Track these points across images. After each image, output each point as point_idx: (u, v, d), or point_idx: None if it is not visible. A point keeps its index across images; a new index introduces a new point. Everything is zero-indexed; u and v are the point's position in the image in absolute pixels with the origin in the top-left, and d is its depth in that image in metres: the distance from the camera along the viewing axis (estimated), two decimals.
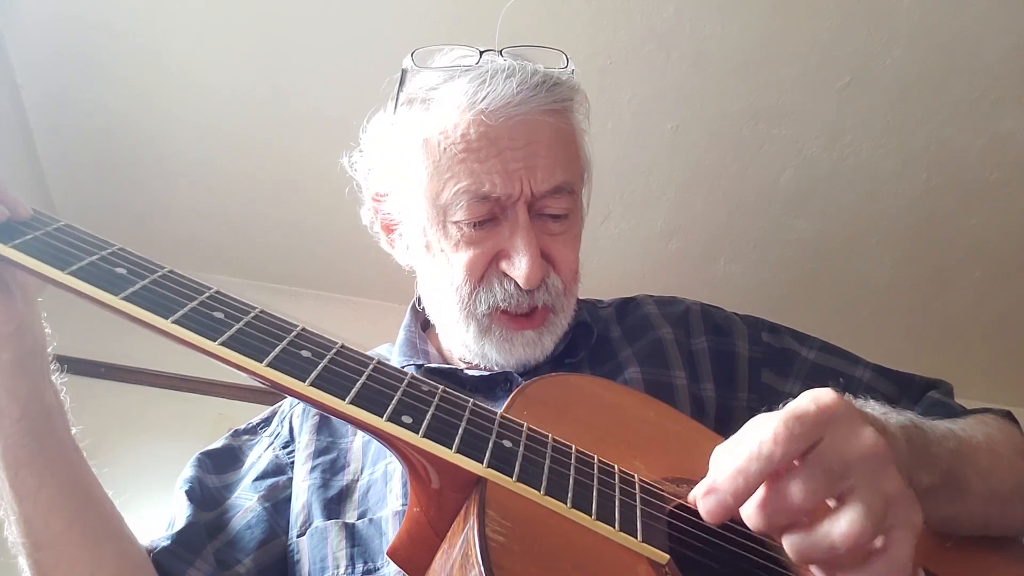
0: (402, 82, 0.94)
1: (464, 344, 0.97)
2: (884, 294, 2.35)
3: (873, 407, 0.74)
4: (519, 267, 0.89)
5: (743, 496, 0.55)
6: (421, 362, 1.02)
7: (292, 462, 0.99)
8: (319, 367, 0.61)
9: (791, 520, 0.55)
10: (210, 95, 2.02)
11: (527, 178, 0.88)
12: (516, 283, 0.90)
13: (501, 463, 0.61)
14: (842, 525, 0.54)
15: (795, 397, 1.03)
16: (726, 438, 0.84)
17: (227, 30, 1.90)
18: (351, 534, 0.89)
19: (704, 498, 0.56)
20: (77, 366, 2.13)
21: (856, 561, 0.55)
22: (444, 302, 0.95)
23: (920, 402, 1.00)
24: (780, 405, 1.01)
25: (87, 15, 1.87)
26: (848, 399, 0.61)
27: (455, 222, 0.90)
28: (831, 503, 0.55)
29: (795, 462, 0.56)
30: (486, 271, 0.91)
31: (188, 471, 0.96)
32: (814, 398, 0.58)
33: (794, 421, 0.56)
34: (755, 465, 0.55)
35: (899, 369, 1.05)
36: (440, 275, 0.94)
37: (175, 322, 0.59)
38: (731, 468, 0.55)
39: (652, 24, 1.85)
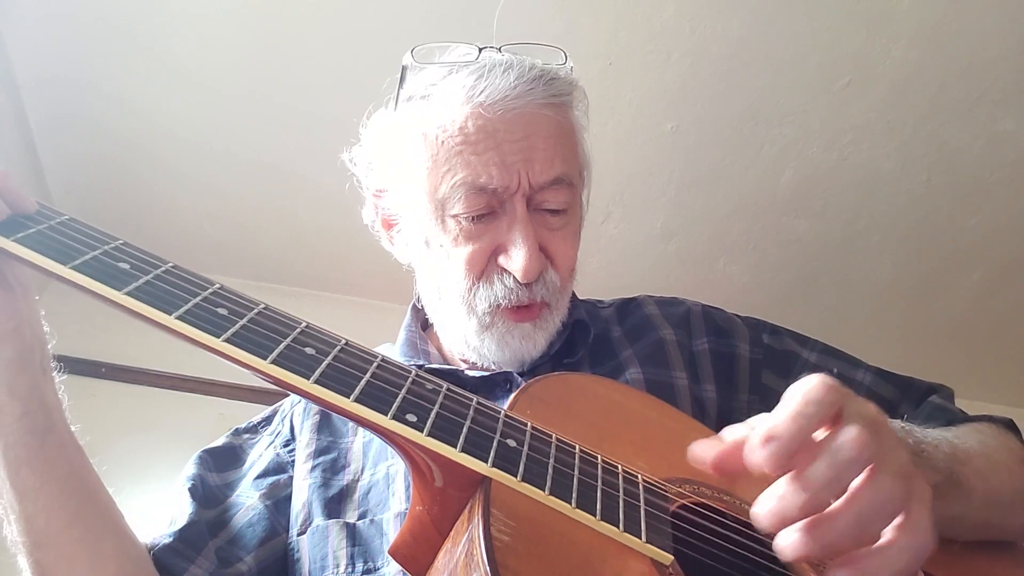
0: (402, 79, 0.94)
1: (464, 339, 0.97)
2: (884, 294, 2.35)
3: None
4: (516, 260, 0.89)
5: (801, 440, 0.53)
6: (422, 362, 1.01)
7: (293, 460, 0.99)
8: (323, 364, 0.60)
9: (846, 480, 0.53)
10: (210, 94, 2.02)
11: (525, 170, 0.88)
12: (514, 277, 0.90)
13: (506, 463, 0.61)
14: (885, 488, 0.52)
15: None
16: None
17: (227, 30, 1.90)
18: (352, 534, 0.88)
19: (764, 446, 0.53)
20: (77, 366, 2.12)
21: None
22: (444, 298, 0.95)
23: (921, 407, 1.00)
24: None
25: (87, 14, 1.87)
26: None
27: (453, 216, 0.90)
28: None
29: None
30: (486, 266, 0.91)
31: (190, 469, 0.96)
32: (820, 377, 0.57)
33: (824, 379, 0.55)
34: (812, 408, 0.53)
35: (899, 371, 1.05)
36: (439, 270, 0.94)
37: (178, 318, 0.58)
38: (789, 412, 0.54)
39: (652, 24, 1.85)
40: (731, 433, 0.60)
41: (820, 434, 0.55)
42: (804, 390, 0.54)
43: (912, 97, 1.93)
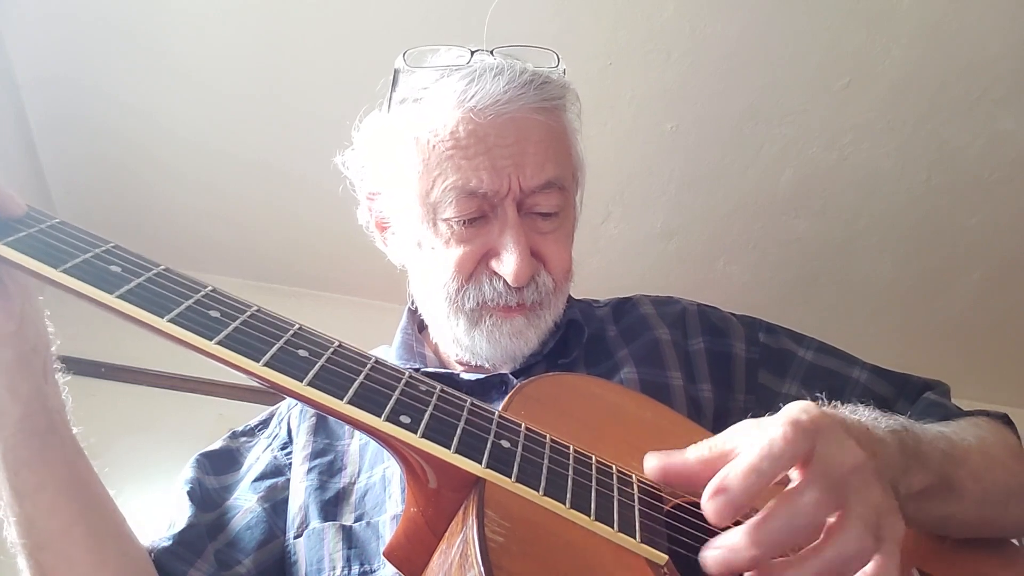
0: (395, 82, 0.94)
1: (455, 339, 0.97)
2: (884, 294, 2.35)
3: (863, 412, 0.73)
4: (508, 265, 0.89)
5: (755, 495, 0.53)
6: (418, 366, 1.02)
7: (290, 463, 0.99)
8: (316, 366, 0.60)
9: (797, 541, 0.54)
10: (210, 95, 2.02)
11: (516, 175, 0.88)
12: (505, 281, 0.91)
13: (500, 463, 0.61)
14: (851, 544, 0.53)
15: (792, 398, 1.02)
16: None
17: (227, 30, 1.90)
18: (348, 536, 0.88)
19: (713, 498, 0.54)
20: (77, 366, 2.12)
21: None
22: (433, 298, 0.95)
23: (916, 403, 1.00)
24: (779, 405, 1.01)
25: (87, 14, 1.87)
26: (830, 412, 0.61)
27: (445, 219, 0.90)
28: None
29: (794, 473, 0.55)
30: (475, 269, 0.92)
31: (188, 472, 0.96)
32: (802, 408, 0.58)
33: (795, 424, 0.55)
34: (767, 464, 0.53)
35: (897, 370, 1.05)
36: (430, 272, 0.94)
37: (171, 321, 0.58)
38: (743, 466, 0.53)
39: (652, 24, 1.85)
40: (693, 450, 0.61)
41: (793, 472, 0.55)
42: (766, 439, 0.54)
43: (912, 96, 1.93)
